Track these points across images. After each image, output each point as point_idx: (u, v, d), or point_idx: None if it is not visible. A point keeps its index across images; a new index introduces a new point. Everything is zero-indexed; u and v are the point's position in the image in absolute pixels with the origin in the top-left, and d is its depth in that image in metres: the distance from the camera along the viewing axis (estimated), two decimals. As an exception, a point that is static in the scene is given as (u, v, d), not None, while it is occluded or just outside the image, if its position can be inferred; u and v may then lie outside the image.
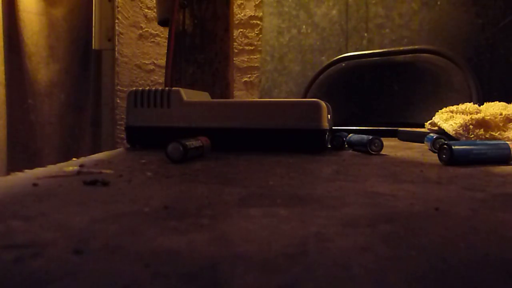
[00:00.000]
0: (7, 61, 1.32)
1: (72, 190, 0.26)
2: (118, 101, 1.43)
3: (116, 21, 1.41)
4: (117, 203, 0.22)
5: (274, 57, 1.20)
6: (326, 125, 0.48)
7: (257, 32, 1.33)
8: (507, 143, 0.41)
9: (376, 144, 0.48)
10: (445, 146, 0.39)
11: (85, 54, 1.45)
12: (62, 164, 0.37)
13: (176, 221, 0.19)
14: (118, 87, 1.43)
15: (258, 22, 1.33)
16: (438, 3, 1.00)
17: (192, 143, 0.39)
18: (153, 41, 1.41)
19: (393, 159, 0.44)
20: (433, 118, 0.64)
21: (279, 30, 1.19)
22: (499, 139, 0.53)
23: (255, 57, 1.34)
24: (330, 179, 0.31)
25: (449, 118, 0.60)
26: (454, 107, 0.64)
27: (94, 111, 1.46)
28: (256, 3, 1.33)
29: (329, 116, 0.51)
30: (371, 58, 1.06)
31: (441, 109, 0.65)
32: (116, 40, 1.42)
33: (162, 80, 1.38)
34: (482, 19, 0.95)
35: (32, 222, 0.19)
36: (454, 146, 0.39)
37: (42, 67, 1.38)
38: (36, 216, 0.19)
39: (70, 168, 0.34)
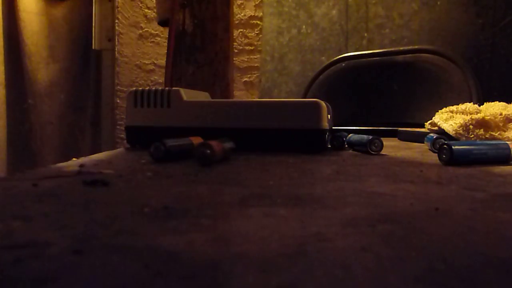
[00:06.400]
0: (7, 61, 1.32)
1: (72, 190, 0.26)
2: (118, 101, 1.43)
3: (116, 21, 1.41)
4: (117, 203, 0.22)
5: (274, 57, 1.20)
6: (326, 125, 0.48)
7: (257, 32, 1.33)
8: (507, 143, 0.41)
9: (376, 144, 0.48)
10: (445, 146, 0.39)
11: (85, 54, 1.45)
12: (62, 164, 0.37)
13: (176, 221, 0.19)
14: (118, 87, 1.43)
15: (258, 22, 1.33)
16: (438, 3, 1.00)
17: (176, 141, 0.40)
18: (153, 41, 1.41)
19: (393, 159, 0.44)
20: (433, 118, 0.64)
21: (279, 30, 1.19)
22: (499, 139, 0.53)
23: (255, 57, 1.34)
24: (330, 179, 0.31)
25: (449, 118, 0.60)
26: (454, 107, 0.64)
27: (94, 111, 1.46)
28: (256, 3, 1.33)
29: (329, 116, 0.51)
30: (371, 58, 1.06)
31: (441, 109, 0.65)
32: (116, 40, 1.42)
33: (162, 80, 1.38)
34: (482, 19, 0.95)
35: (32, 222, 0.19)
36: (454, 146, 0.39)
37: (42, 67, 1.38)
38: (36, 216, 0.19)
39: (70, 168, 0.34)
